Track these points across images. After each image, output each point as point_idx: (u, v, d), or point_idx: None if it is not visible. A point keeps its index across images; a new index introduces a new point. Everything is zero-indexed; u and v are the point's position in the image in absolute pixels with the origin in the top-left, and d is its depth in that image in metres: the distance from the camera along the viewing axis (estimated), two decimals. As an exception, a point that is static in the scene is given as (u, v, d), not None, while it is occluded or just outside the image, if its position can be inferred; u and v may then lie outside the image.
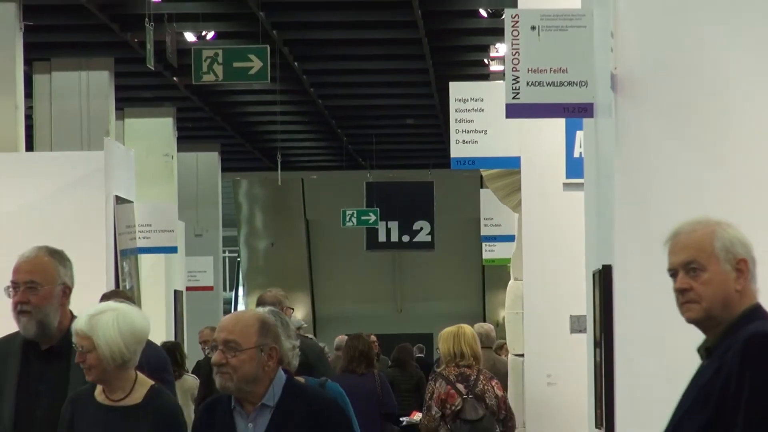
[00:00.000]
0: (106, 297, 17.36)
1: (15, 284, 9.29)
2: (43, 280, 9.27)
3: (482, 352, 24.59)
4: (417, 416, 20.31)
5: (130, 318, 8.65)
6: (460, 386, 16.90)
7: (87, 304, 17.60)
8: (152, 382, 8.72)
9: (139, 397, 8.53)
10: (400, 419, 20.37)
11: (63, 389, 9.00)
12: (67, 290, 9.45)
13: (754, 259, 6.96)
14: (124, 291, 19.09)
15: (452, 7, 33.67)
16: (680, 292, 6.98)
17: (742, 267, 6.89)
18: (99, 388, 8.57)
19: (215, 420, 8.04)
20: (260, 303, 15.92)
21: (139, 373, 8.69)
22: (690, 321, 7.02)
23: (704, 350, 7.07)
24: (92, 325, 8.53)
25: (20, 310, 9.16)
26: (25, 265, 9.38)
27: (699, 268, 6.92)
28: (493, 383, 17.66)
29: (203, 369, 21.73)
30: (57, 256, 9.61)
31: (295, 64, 37.53)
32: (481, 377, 17.62)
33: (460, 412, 17.18)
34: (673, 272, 7.03)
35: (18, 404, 8.87)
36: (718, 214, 11.38)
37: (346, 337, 29.76)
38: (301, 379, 9.81)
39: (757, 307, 6.92)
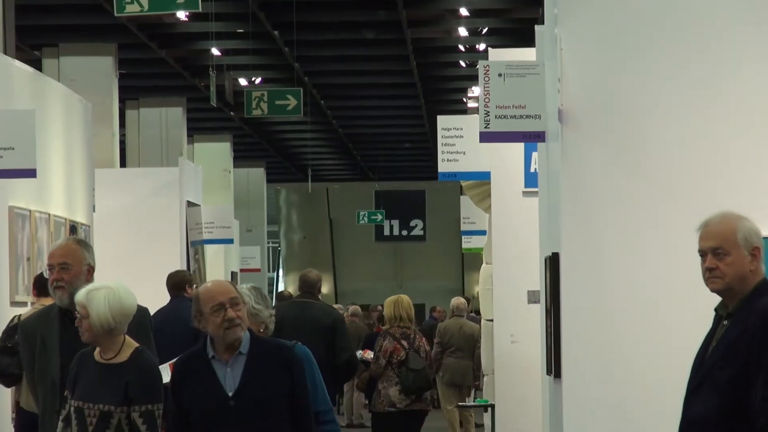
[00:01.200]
0: (171, 276, 17.35)
1: (51, 266, 9.21)
2: (72, 261, 9.18)
3: (453, 319, 24.81)
4: (368, 354, 20.34)
5: (118, 295, 8.39)
6: (404, 342, 17.00)
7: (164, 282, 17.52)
8: (137, 345, 8.44)
9: (125, 356, 8.21)
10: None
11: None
12: (91, 269, 9.31)
13: (763, 245, 7.00)
14: (184, 271, 18.91)
15: (439, 59, 33.55)
16: (708, 270, 6.93)
17: (756, 253, 6.88)
18: (97, 349, 8.33)
19: (193, 370, 7.66)
20: (303, 283, 16.07)
21: (127, 337, 8.44)
22: (713, 291, 7.00)
23: (725, 314, 6.99)
24: (88, 298, 8.29)
25: (56, 286, 9.08)
26: (59, 251, 9.35)
27: (724, 253, 6.87)
28: (423, 341, 17.78)
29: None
30: (82, 243, 9.64)
31: (322, 102, 37.39)
32: (417, 336, 17.73)
33: (406, 362, 17.16)
34: (703, 253, 7.00)
35: (62, 358, 8.70)
36: (637, 216, 11.45)
37: (357, 307, 29.84)
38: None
39: (765, 282, 6.92)
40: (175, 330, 14.52)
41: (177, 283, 17.06)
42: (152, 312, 10.90)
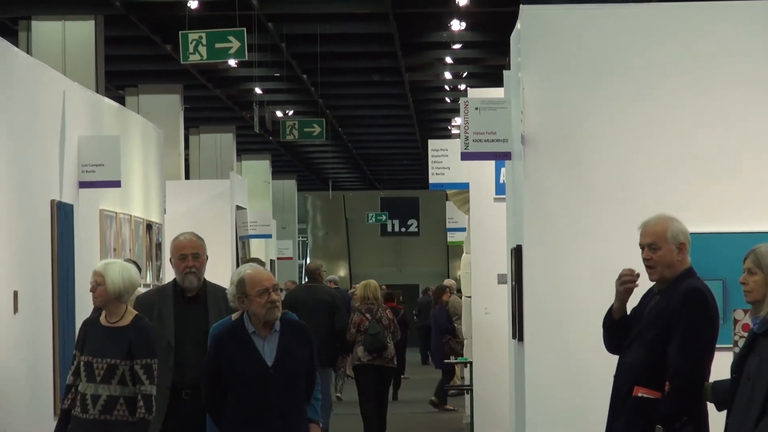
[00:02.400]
0: (245, 261, 17.38)
1: (184, 255, 8.85)
2: (201, 252, 8.96)
3: (453, 296, 25.02)
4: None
5: (128, 271, 8.15)
6: (368, 315, 17.36)
7: (219, 269, 17.54)
8: (136, 312, 8.14)
9: (127, 321, 7.92)
10: None
11: (204, 321, 8.56)
12: (172, 258, 9.10)
13: (689, 240, 7.00)
14: (258, 258, 18.92)
15: (429, 96, 33.44)
16: (645, 260, 6.97)
17: (682, 247, 6.92)
18: (103, 315, 8.07)
19: (235, 342, 7.26)
20: (307, 271, 16.86)
21: (128, 305, 8.19)
22: (652, 281, 7.01)
23: (658, 291, 6.98)
24: (106, 269, 8.04)
25: (189, 271, 8.75)
26: (190, 243, 9.01)
27: (657, 247, 6.92)
28: (387, 312, 17.97)
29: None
30: (202, 239, 9.30)
31: (339, 129, 37.23)
32: (380, 309, 17.90)
33: (367, 329, 17.46)
34: (642, 246, 7.01)
35: (176, 326, 8.56)
36: (581, 216, 11.44)
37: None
38: None
39: (690, 269, 6.94)
40: (317, 307, 15.58)
41: (310, 270, 17.80)
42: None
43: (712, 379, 6.79)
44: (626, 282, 6.97)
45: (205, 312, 8.58)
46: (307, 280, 17.42)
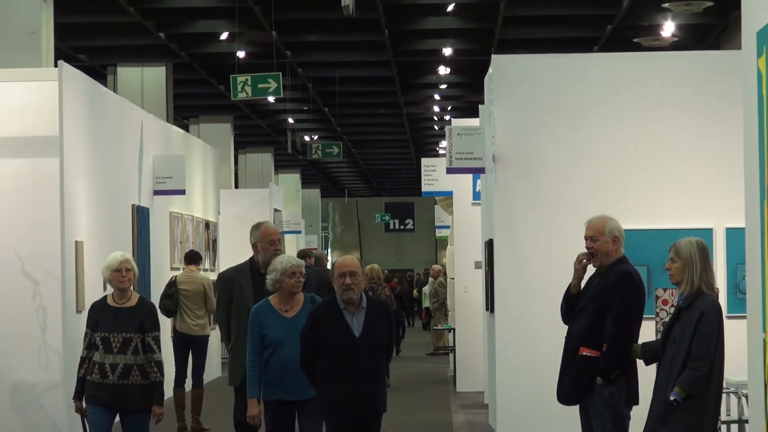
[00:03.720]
0: (301, 252, 17.36)
1: (272, 241, 8.16)
2: (278, 240, 8.33)
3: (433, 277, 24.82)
4: None
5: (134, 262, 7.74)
6: (370, 292, 16.87)
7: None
8: (139, 295, 7.72)
9: (133, 302, 7.50)
10: None
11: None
12: (258, 243, 8.22)
13: (623, 234, 6.91)
14: (309, 250, 18.89)
15: (422, 125, 33.45)
16: (588, 249, 6.89)
17: (616, 240, 6.83)
18: (110, 296, 7.59)
19: (329, 315, 6.83)
20: (315, 257, 16.54)
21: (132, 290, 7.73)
22: (593, 265, 6.93)
23: (599, 273, 6.90)
24: (131, 260, 7.61)
25: (275, 253, 8.09)
26: (276, 232, 8.40)
27: (597, 240, 6.84)
28: (385, 289, 17.83)
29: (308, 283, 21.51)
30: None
31: (353, 150, 37.22)
32: (380, 287, 17.75)
33: None
34: (586, 238, 6.91)
35: (255, 297, 7.81)
36: (539, 216, 11.37)
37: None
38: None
39: (623, 257, 6.87)
40: (320, 286, 14.83)
41: (300, 255, 17.18)
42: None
43: (640, 341, 6.79)
44: (582, 260, 6.96)
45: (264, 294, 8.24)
46: (316, 264, 17.12)
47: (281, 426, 6.99)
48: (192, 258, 13.26)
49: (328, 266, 17.76)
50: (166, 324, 13.65)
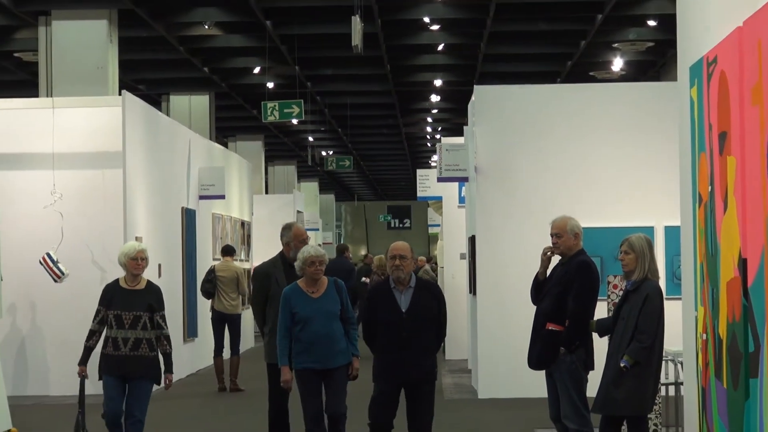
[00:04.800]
0: (339, 246, 17.33)
1: (304, 240, 7.75)
2: (306, 238, 7.87)
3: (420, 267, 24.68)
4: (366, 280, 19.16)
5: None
6: (382, 276, 16.64)
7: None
8: (147, 279, 7.21)
9: (143, 285, 7.04)
10: None
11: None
12: (291, 242, 7.70)
13: (581, 231, 6.82)
14: (343, 244, 18.83)
15: (418, 143, 33.39)
16: (553, 244, 6.80)
17: (575, 236, 6.75)
18: (123, 279, 7.10)
19: (382, 294, 6.51)
20: (337, 249, 16.58)
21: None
22: (558, 255, 6.84)
23: (562, 263, 6.79)
24: (145, 250, 7.10)
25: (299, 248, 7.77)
26: (305, 233, 7.94)
27: (559, 236, 6.77)
28: (383, 277, 17.43)
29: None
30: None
31: (362, 163, 37.26)
32: (385, 274, 17.21)
33: None
34: (551, 235, 6.82)
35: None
36: (513, 217, 11.32)
37: (381, 257, 29.56)
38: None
39: (582, 250, 6.79)
40: (339, 272, 14.25)
41: (339, 249, 17.32)
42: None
43: (595, 318, 6.78)
44: (548, 252, 6.94)
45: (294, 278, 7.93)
46: (336, 255, 16.93)
47: (310, 390, 6.75)
48: (227, 250, 13.28)
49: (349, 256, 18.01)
50: (206, 305, 13.68)
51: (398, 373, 6.35)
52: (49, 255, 11.42)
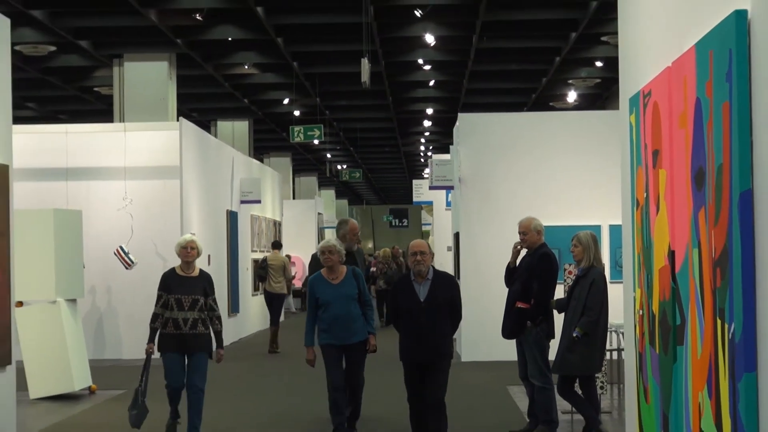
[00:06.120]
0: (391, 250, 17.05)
1: (355, 234, 7.32)
2: (357, 232, 7.43)
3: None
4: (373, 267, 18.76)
5: (199, 243, 6.72)
6: (386, 265, 16.88)
7: (311, 242, 17.22)
8: (200, 267, 6.73)
9: (197, 273, 6.58)
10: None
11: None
12: (346, 234, 7.31)
13: (543, 229, 6.72)
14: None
15: (413, 158, 33.35)
16: (521, 240, 6.71)
17: (539, 233, 6.70)
18: (178, 267, 6.64)
19: (403, 285, 5.99)
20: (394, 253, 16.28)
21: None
22: (525, 248, 6.73)
23: (528, 255, 6.70)
24: (196, 240, 6.63)
25: (355, 242, 7.38)
26: (357, 227, 7.39)
27: (525, 233, 6.70)
28: (392, 265, 17.20)
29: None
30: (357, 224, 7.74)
31: (369, 175, 37.19)
32: (390, 262, 17.16)
33: (385, 272, 16.75)
34: (519, 233, 6.74)
35: None
36: (490, 218, 11.26)
37: (387, 250, 29.42)
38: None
39: (543, 243, 6.70)
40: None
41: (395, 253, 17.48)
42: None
43: (555, 298, 6.76)
44: (517, 246, 6.91)
45: (355, 263, 7.36)
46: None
47: (331, 363, 6.49)
48: (276, 245, 13.71)
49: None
50: (247, 287, 13.74)
51: (418, 354, 5.99)
52: (121, 247, 11.53)
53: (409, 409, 5.95)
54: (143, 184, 12.12)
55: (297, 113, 20.88)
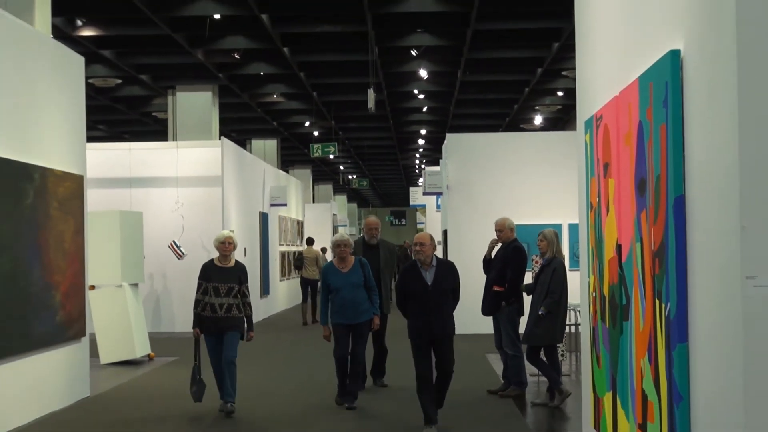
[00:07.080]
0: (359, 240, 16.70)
1: (370, 228, 7.05)
2: (379, 227, 7.14)
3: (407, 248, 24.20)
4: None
5: (235, 239, 6.36)
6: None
7: (327, 237, 17.19)
8: (235, 259, 6.34)
9: (232, 263, 6.25)
10: None
11: (377, 258, 6.98)
12: (363, 229, 7.07)
13: (514, 227, 6.55)
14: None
15: (410, 170, 33.28)
16: (497, 237, 6.62)
17: (512, 230, 6.61)
18: (216, 259, 6.28)
19: (411, 272, 5.58)
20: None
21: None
22: (501, 242, 6.58)
23: (502, 247, 6.57)
24: (232, 235, 6.31)
25: (373, 235, 7.08)
26: (376, 222, 7.02)
27: (500, 231, 6.63)
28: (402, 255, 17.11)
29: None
30: (378, 220, 7.31)
31: (375, 183, 37.07)
32: (402, 253, 17.29)
33: (401, 260, 16.99)
34: (495, 231, 6.65)
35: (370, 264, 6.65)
36: (473, 218, 11.21)
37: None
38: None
39: (516, 239, 6.63)
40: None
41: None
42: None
43: (525, 283, 6.75)
44: (493, 242, 6.88)
45: (377, 253, 7.11)
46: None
47: (339, 339, 6.38)
48: (310, 241, 13.93)
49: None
50: (275, 274, 13.73)
51: (427, 332, 5.60)
52: (174, 242, 11.65)
53: (417, 379, 5.55)
54: (192, 191, 12.19)
55: (316, 133, 20.90)
